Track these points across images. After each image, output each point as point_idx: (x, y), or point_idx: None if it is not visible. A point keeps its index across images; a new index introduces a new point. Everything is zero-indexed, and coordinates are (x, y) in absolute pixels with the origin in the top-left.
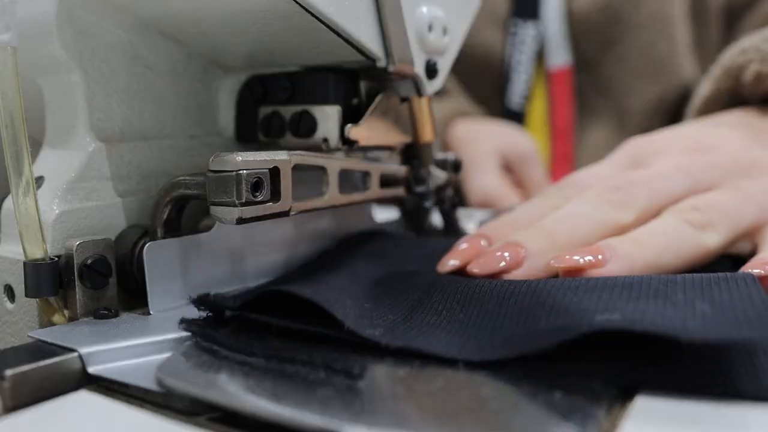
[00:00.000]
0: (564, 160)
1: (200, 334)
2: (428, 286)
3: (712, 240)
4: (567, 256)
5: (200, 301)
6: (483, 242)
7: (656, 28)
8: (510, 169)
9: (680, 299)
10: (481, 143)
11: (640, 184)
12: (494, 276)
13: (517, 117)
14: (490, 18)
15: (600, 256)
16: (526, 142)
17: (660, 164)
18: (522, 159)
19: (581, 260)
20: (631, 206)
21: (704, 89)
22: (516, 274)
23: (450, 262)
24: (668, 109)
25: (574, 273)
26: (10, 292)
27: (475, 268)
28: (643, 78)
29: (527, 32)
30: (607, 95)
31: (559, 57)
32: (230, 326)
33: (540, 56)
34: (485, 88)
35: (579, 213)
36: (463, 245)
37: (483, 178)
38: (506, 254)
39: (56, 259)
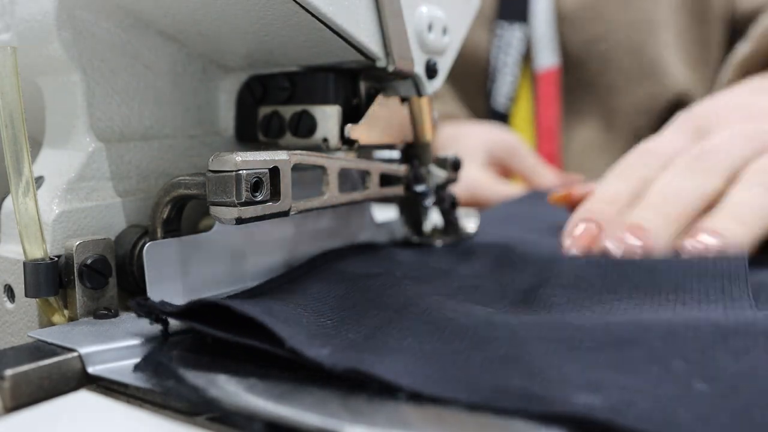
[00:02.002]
0: (550, 160)
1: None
2: (402, 305)
3: None
4: (699, 237)
5: (138, 305)
6: (593, 227)
7: (642, 28)
8: (499, 163)
9: (680, 369)
10: (464, 142)
11: (716, 151)
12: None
13: (502, 118)
14: (477, 19)
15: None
16: (510, 135)
17: (724, 132)
18: (509, 151)
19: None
20: (718, 173)
21: (744, 49)
22: (640, 252)
23: (571, 251)
24: (659, 115)
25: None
26: (10, 292)
27: (609, 245)
28: (629, 78)
29: (513, 34)
30: (593, 94)
31: (547, 58)
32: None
33: (526, 58)
34: (471, 89)
35: (680, 186)
36: (578, 229)
37: (467, 171)
38: (633, 240)
39: (56, 259)
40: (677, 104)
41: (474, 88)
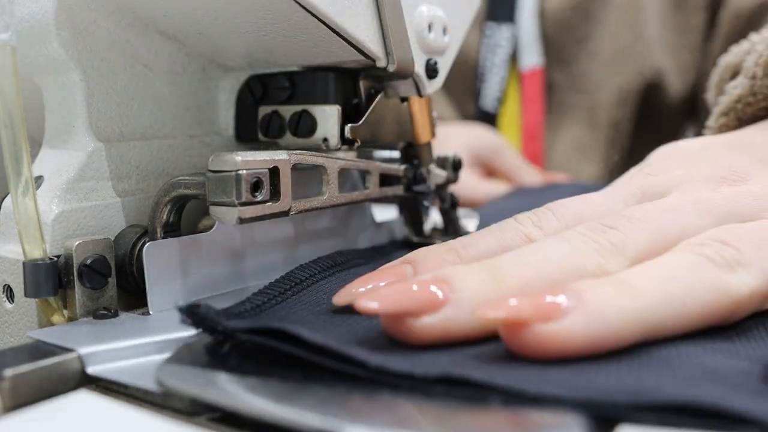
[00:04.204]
0: (534, 160)
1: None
2: None
3: (743, 284)
4: (503, 303)
5: (188, 312)
6: (409, 269)
7: (622, 19)
8: (483, 163)
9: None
10: (448, 143)
11: (643, 220)
12: (396, 319)
13: (490, 118)
14: None
15: (556, 301)
16: (492, 135)
17: (674, 196)
18: (492, 150)
19: (523, 308)
20: (624, 252)
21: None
22: (425, 322)
23: (354, 291)
24: (634, 99)
25: (514, 329)
26: (9, 292)
27: (370, 302)
28: (609, 70)
29: (502, 35)
30: (580, 91)
31: (531, 58)
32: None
33: (514, 58)
34: (460, 89)
35: (549, 252)
36: (382, 272)
37: None
38: (418, 291)
39: (55, 259)
40: (651, 90)
41: (463, 88)
